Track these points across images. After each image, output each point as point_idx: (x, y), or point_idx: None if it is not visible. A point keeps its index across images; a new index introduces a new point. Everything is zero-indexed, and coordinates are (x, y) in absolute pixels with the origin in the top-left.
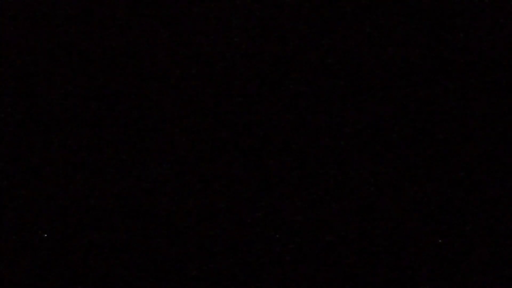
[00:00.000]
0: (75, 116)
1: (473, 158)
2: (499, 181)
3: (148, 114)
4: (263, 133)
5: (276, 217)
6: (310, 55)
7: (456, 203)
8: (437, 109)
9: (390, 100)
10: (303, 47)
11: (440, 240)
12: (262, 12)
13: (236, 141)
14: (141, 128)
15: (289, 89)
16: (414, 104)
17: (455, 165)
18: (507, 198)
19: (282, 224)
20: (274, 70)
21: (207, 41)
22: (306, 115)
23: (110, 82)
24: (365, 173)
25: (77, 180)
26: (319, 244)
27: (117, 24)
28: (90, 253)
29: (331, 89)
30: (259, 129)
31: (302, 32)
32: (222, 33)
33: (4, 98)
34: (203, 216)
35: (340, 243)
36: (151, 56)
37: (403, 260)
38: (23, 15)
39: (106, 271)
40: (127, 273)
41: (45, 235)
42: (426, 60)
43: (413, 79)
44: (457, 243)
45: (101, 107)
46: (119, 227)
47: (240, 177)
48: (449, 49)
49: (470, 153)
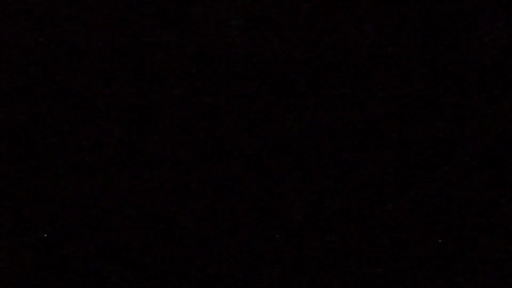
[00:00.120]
0: (75, 116)
1: (473, 158)
2: (499, 181)
3: (148, 114)
4: (263, 133)
5: (276, 217)
6: (310, 55)
7: (456, 203)
8: (437, 109)
9: (390, 100)
10: (303, 47)
11: (440, 240)
12: (262, 12)
13: (236, 141)
14: (141, 128)
15: (289, 89)
16: (414, 104)
17: (455, 165)
18: (507, 198)
19: (282, 224)
20: (274, 70)
21: (207, 41)
22: (306, 115)
23: (110, 82)
24: (365, 173)
25: (77, 180)
26: (319, 244)
27: (117, 24)
28: (90, 253)
29: (331, 89)
30: (259, 129)
31: (302, 32)
32: (222, 33)
33: (4, 98)
34: (203, 216)
35: (340, 243)
36: (151, 56)
37: (403, 260)
38: (23, 15)
39: (106, 271)
40: (127, 273)
41: (45, 235)
42: (426, 60)
43: (413, 79)
44: (457, 243)
45: (101, 107)
46: (119, 227)
47: (240, 177)
48: (449, 49)
49: (470, 153)
